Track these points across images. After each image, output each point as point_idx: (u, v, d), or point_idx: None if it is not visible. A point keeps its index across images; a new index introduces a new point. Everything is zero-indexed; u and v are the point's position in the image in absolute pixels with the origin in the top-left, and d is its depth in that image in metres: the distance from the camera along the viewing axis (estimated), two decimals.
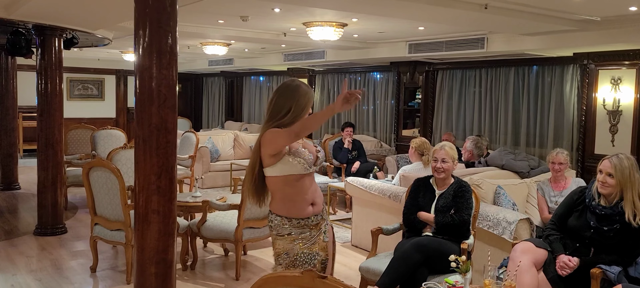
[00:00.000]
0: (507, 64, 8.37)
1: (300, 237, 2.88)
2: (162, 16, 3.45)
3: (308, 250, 2.88)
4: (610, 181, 3.30)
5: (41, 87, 6.22)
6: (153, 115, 3.47)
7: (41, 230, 6.24)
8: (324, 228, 2.97)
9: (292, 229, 2.87)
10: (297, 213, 2.86)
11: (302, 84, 2.88)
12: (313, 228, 2.90)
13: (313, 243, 2.90)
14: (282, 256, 2.90)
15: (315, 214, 2.91)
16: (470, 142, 6.95)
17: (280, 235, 2.89)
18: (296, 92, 2.81)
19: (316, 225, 2.92)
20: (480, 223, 4.47)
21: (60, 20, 6.09)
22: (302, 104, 2.80)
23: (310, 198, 2.88)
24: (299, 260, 2.88)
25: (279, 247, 2.91)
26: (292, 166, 2.79)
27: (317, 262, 2.91)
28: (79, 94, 14.75)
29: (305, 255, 2.88)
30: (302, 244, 2.88)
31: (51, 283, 4.73)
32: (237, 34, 7.90)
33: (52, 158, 6.26)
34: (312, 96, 2.90)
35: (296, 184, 2.83)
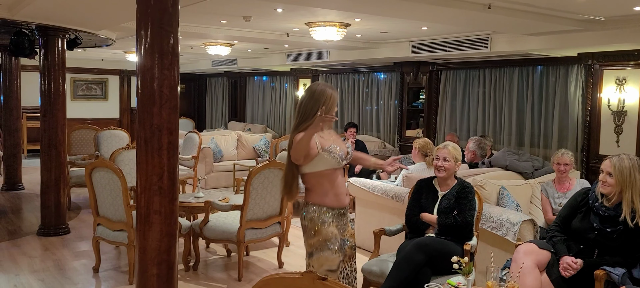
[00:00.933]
0: (511, 64, 8.34)
1: (337, 225, 3.26)
2: (164, 17, 3.44)
3: (342, 236, 3.29)
4: (610, 180, 3.28)
5: (44, 87, 6.23)
6: (155, 116, 3.45)
7: (44, 231, 6.25)
8: (348, 217, 3.37)
9: (333, 218, 3.24)
10: (337, 203, 3.24)
11: (327, 87, 3.19)
12: (343, 217, 3.31)
13: (345, 230, 3.32)
14: (332, 240, 3.22)
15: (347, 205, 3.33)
16: (473, 142, 6.92)
17: (325, 221, 3.22)
18: (322, 95, 3.13)
19: (344, 214, 3.32)
20: (483, 225, 4.44)
21: (64, 20, 6.10)
22: (328, 106, 3.10)
23: (344, 189, 3.31)
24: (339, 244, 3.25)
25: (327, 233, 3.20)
26: (327, 162, 3.15)
27: (346, 247, 3.32)
28: (82, 94, 14.79)
29: (342, 241, 3.28)
30: (338, 231, 3.26)
31: (54, 284, 4.73)
32: (240, 34, 7.90)
33: (55, 158, 6.27)
34: (336, 97, 3.22)
35: (331, 177, 3.21)
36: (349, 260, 3.39)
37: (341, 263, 3.32)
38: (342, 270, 3.35)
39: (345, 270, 3.38)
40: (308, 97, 3.16)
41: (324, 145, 3.15)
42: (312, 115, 3.06)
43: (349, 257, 3.38)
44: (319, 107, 3.05)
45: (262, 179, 4.88)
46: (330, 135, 3.28)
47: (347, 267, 3.39)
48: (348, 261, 3.38)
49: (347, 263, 3.38)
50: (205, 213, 5.03)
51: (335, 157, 3.16)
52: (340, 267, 3.31)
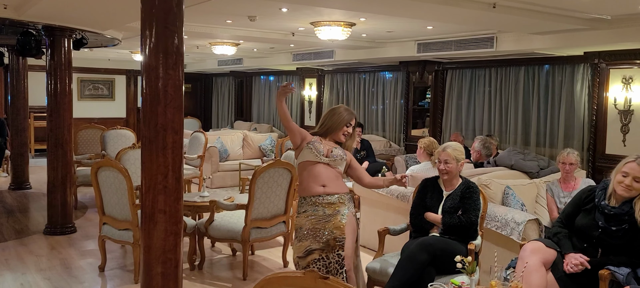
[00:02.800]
0: (517, 63, 8.31)
1: (314, 214, 3.56)
2: (169, 16, 3.45)
3: (321, 226, 3.54)
4: (637, 186, 3.18)
5: (51, 87, 6.27)
6: (159, 116, 3.47)
7: (51, 230, 6.29)
8: (343, 212, 3.58)
9: (307, 207, 3.60)
10: (309, 191, 3.59)
11: (343, 109, 3.75)
12: (327, 207, 3.57)
13: (327, 222, 3.54)
14: (298, 230, 3.62)
15: (328, 194, 3.57)
16: (478, 142, 6.89)
17: (299, 213, 3.64)
18: (332, 112, 3.76)
19: (330, 204, 3.57)
20: (488, 224, 4.43)
21: (70, 21, 6.14)
22: (334, 121, 3.70)
23: (321, 181, 3.58)
24: (311, 234, 3.55)
25: (296, 223, 3.65)
26: (306, 154, 3.63)
27: (329, 238, 3.52)
28: (89, 94, 14.87)
29: (317, 231, 3.54)
30: (315, 220, 3.55)
31: (60, 283, 4.76)
32: (245, 33, 7.92)
33: (61, 158, 6.31)
34: (346, 118, 3.71)
35: (310, 169, 3.60)
36: (332, 250, 3.55)
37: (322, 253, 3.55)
38: (322, 258, 3.55)
39: (327, 260, 3.55)
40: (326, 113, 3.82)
41: (308, 140, 3.67)
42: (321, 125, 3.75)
43: (332, 247, 3.55)
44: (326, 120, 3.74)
45: (267, 178, 4.89)
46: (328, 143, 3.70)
47: (330, 256, 3.55)
48: (331, 251, 3.55)
49: (330, 253, 3.55)
50: (210, 212, 5.05)
51: (314, 152, 3.60)
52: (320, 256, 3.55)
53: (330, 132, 3.71)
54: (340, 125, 3.69)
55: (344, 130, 3.72)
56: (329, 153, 3.64)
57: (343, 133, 3.72)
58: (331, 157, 3.63)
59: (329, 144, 3.70)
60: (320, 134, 3.73)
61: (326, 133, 3.72)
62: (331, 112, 3.76)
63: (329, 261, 3.56)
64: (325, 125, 3.73)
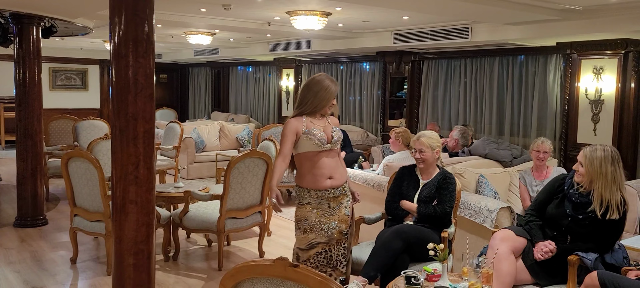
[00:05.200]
0: (491, 54, 8.39)
1: (319, 207, 3.40)
2: (138, 4, 3.39)
3: (326, 219, 3.39)
4: (581, 170, 3.33)
5: (19, 77, 6.12)
6: (130, 105, 3.41)
7: (21, 222, 6.16)
8: (345, 204, 3.46)
9: (311, 199, 3.42)
10: (315, 185, 3.39)
11: (327, 80, 3.40)
12: (332, 201, 3.41)
13: (332, 215, 3.40)
14: (301, 221, 3.44)
15: (334, 187, 3.41)
16: (457, 131, 6.96)
17: (301, 204, 3.46)
18: (317, 85, 3.39)
19: (335, 198, 3.42)
20: (461, 212, 4.48)
21: (38, 8, 5.98)
22: (321, 97, 3.38)
23: (327, 173, 3.40)
24: (317, 227, 3.40)
25: (299, 214, 3.46)
26: (306, 144, 3.36)
27: (334, 232, 3.40)
28: (62, 84, 14.56)
29: (322, 224, 3.39)
30: (320, 214, 3.40)
31: (30, 276, 4.67)
32: (220, 23, 7.83)
33: (31, 149, 6.18)
34: (333, 91, 3.42)
35: (313, 159, 3.38)
36: (337, 244, 3.45)
37: (326, 246, 3.43)
38: (325, 251, 3.43)
39: (330, 252, 3.44)
40: (305, 86, 3.45)
41: (308, 128, 3.37)
42: (306, 103, 3.40)
43: (337, 241, 3.44)
44: (312, 96, 3.38)
45: (242, 169, 4.85)
46: (321, 121, 3.45)
47: (332, 249, 3.44)
48: (335, 245, 3.44)
49: (333, 247, 3.44)
50: (185, 203, 5.00)
51: (316, 141, 3.34)
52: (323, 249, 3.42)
53: (318, 109, 3.43)
54: (329, 100, 3.43)
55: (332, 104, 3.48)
56: (331, 139, 3.42)
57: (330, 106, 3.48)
58: (333, 143, 3.44)
59: (321, 123, 3.45)
60: (308, 113, 3.43)
61: (314, 111, 3.43)
62: (315, 86, 3.40)
63: (332, 254, 3.45)
64: (312, 104, 3.41)
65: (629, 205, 3.36)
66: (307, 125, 3.38)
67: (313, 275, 1.78)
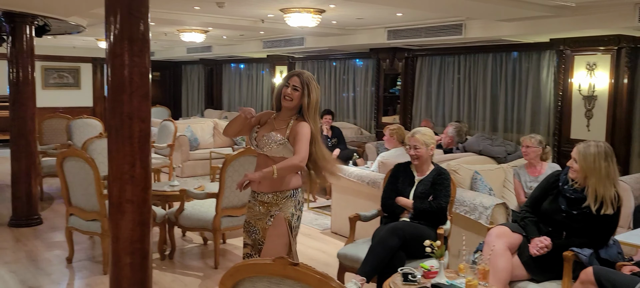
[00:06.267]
0: (485, 50, 8.42)
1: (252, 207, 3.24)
2: (133, 3, 3.38)
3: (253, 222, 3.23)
4: (575, 166, 3.36)
5: (12, 75, 6.08)
6: (125, 104, 3.41)
7: (15, 222, 6.13)
8: (274, 213, 3.15)
9: (250, 197, 3.28)
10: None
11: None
12: (262, 205, 3.19)
13: (259, 219, 3.21)
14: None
15: (261, 192, 3.16)
16: (452, 127, 6.98)
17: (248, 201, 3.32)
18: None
19: (264, 203, 3.18)
20: (456, 209, 4.50)
21: (31, 7, 5.94)
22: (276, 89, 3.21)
23: None
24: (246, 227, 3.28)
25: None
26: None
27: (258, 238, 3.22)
28: (54, 82, 14.47)
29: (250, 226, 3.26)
30: (251, 214, 3.25)
31: (26, 275, 4.65)
32: (214, 20, 7.81)
33: (25, 148, 6.14)
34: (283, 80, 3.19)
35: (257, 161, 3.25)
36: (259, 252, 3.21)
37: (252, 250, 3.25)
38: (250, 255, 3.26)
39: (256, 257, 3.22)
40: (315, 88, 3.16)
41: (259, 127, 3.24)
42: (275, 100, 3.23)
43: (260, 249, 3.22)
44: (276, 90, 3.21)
45: (237, 167, 4.85)
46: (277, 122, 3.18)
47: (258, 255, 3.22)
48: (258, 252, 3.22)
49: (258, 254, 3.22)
50: (180, 201, 4.99)
51: (251, 138, 3.24)
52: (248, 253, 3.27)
53: (278, 104, 3.17)
54: (280, 88, 3.15)
55: (284, 93, 3.12)
56: (260, 140, 3.13)
57: (285, 96, 3.11)
58: (262, 146, 3.12)
59: (277, 122, 3.17)
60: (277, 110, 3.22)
61: (277, 106, 3.19)
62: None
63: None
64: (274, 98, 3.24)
65: (623, 201, 3.39)
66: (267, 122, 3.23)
67: (312, 274, 1.78)
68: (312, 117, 3.11)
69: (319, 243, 5.72)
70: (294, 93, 3.10)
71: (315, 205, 7.37)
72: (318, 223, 6.47)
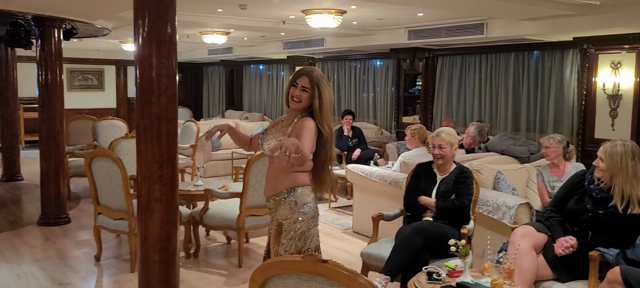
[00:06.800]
0: (507, 50, 8.36)
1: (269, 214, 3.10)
2: (161, 6, 3.45)
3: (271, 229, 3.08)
4: (601, 165, 3.34)
5: (41, 78, 6.23)
6: (153, 105, 3.48)
7: (45, 221, 6.28)
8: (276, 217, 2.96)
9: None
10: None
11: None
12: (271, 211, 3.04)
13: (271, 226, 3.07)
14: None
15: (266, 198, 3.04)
16: (474, 127, 6.95)
17: None
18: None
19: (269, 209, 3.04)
20: (480, 208, 4.50)
21: (60, 10, 6.08)
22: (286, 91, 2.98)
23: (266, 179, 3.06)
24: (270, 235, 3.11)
25: None
26: None
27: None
28: (79, 84, 14.75)
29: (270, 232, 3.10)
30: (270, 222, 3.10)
31: (56, 273, 4.78)
32: (236, 22, 7.90)
33: (54, 149, 6.29)
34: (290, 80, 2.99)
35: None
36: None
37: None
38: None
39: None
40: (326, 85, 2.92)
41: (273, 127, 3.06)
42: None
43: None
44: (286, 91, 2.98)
45: (261, 166, 4.91)
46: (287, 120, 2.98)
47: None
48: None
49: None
50: (205, 201, 5.07)
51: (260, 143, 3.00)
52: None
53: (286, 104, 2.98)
54: (287, 89, 2.94)
55: (291, 93, 2.88)
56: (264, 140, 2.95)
57: (293, 97, 2.87)
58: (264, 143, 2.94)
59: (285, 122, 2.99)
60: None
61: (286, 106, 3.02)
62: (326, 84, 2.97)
63: None
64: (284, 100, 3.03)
65: None
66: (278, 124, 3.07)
67: (342, 271, 1.82)
68: (326, 119, 2.85)
69: (341, 243, 5.76)
70: (303, 94, 2.84)
71: (336, 205, 7.41)
72: (339, 222, 6.51)
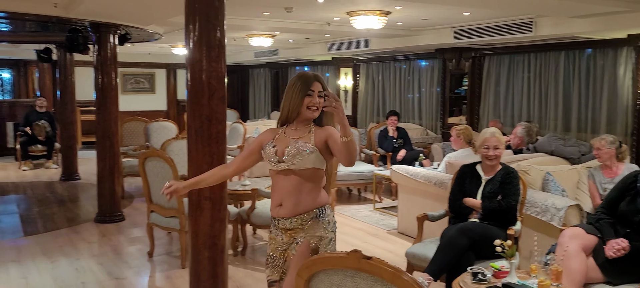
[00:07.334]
0: (556, 48, 8.15)
1: (274, 238, 2.74)
2: (211, 11, 3.59)
3: (278, 254, 2.71)
4: None
5: (98, 81, 6.53)
6: (204, 107, 3.62)
7: (101, 218, 6.58)
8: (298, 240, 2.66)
9: (272, 227, 2.77)
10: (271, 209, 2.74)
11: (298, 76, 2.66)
12: (284, 233, 2.68)
13: (284, 250, 2.70)
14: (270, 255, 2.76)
15: (283, 217, 2.65)
16: (521, 128, 6.82)
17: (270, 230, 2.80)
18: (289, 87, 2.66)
19: (287, 230, 2.67)
20: (528, 210, 4.43)
21: (115, 17, 6.37)
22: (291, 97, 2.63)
23: (278, 197, 2.68)
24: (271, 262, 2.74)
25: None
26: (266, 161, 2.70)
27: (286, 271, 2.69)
28: (131, 87, 15.31)
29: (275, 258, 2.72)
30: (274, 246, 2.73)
31: (112, 268, 5.01)
32: (281, 25, 8.02)
33: (109, 149, 6.59)
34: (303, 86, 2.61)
35: (273, 179, 2.72)
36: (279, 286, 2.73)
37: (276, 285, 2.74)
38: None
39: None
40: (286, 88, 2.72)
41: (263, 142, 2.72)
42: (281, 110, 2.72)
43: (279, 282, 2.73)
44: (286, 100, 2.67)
45: None
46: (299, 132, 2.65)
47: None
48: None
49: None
50: (252, 200, 5.20)
51: (267, 157, 2.67)
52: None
53: (294, 116, 2.64)
54: (300, 99, 2.60)
55: (307, 103, 2.58)
56: (283, 154, 2.60)
57: (308, 107, 2.59)
58: (288, 159, 2.59)
59: (294, 132, 2.65)
60: (284, 123, 2.70)
61: (289, 118, 2.66)
62: (288, 88, 2.67)
63: None
64: (284, 109, 2.67)
65: None
66: (278, 137, 2.68)
67: (386, 267, 1.85)
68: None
69: (385, 243, 5.77)
70: (320, 101, 2.59)
71: (381, 205, 7.42)
72: (384, 223, 6.52)
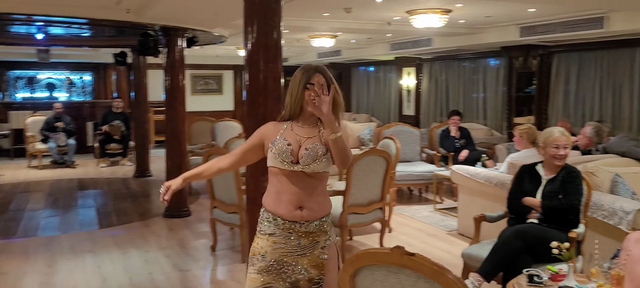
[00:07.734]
0: (630, 44, 7.72)
1: (284, 242, 2.49)
2: (268, 13, 3.70)
3: (291, 260, 2.49)
4: None
5: (167, 83, 6.88)
6: (260, 106, 3.74)
7: (169, 213, 6.91)
8: (323, 243, 2.52)
9: (275, 228, 2.51)
10: (280, 211, 2.49)
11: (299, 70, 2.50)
12: (303, 237, 2.49)
13: (301, 255, 2.50)
14: (256, 257, 2.53)
15: (306, 220, 2.48)
16: (590, 128, 6.52)
17: (262, 232, 2.55)
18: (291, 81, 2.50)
19: (308, 233, 2.49)
20: (594, 213, 4.26)
21: (183, 21, 6.69)
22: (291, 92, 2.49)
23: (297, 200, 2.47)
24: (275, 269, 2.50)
25: (255, 246, 2.56)
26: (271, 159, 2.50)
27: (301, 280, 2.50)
28: (201, 88, 15.93)
29: (285, 266, 2.50)
30: (285, 251, 2.49)
31: (178, 260, 5.26)
32: (342, 25, 8.10)
33: (177, 148, 6.91)
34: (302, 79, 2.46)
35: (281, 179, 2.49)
36: None
37: None
38: None
39: None
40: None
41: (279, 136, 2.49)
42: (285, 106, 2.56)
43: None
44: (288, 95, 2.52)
45: (363, 166, 5.03)
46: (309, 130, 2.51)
47: None
48: None
49: None
50: None
51: (278, 157, 2.45)
52: None
53: (297, 111, 2.49)
54: (299, 94, 2.45)
55: (308, 97, 2.43)
56: (300, 156, 2.44)
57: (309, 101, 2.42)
58: (305, 161, 2.43)
59: (302, 130, 2.50)
60: (291, 118, 2.53)
61: (293, 114, 2.51)
62: (290, 81, 2.52)
63: None
64: (287, 105, 2.52)
65: None
66: (285, 132, 2.50)
67: (429, 264, 1.87)
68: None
69: (444, 244, 5.71)
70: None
71: (441, 206, 7.32)
72: (444, 224, 6.44)
